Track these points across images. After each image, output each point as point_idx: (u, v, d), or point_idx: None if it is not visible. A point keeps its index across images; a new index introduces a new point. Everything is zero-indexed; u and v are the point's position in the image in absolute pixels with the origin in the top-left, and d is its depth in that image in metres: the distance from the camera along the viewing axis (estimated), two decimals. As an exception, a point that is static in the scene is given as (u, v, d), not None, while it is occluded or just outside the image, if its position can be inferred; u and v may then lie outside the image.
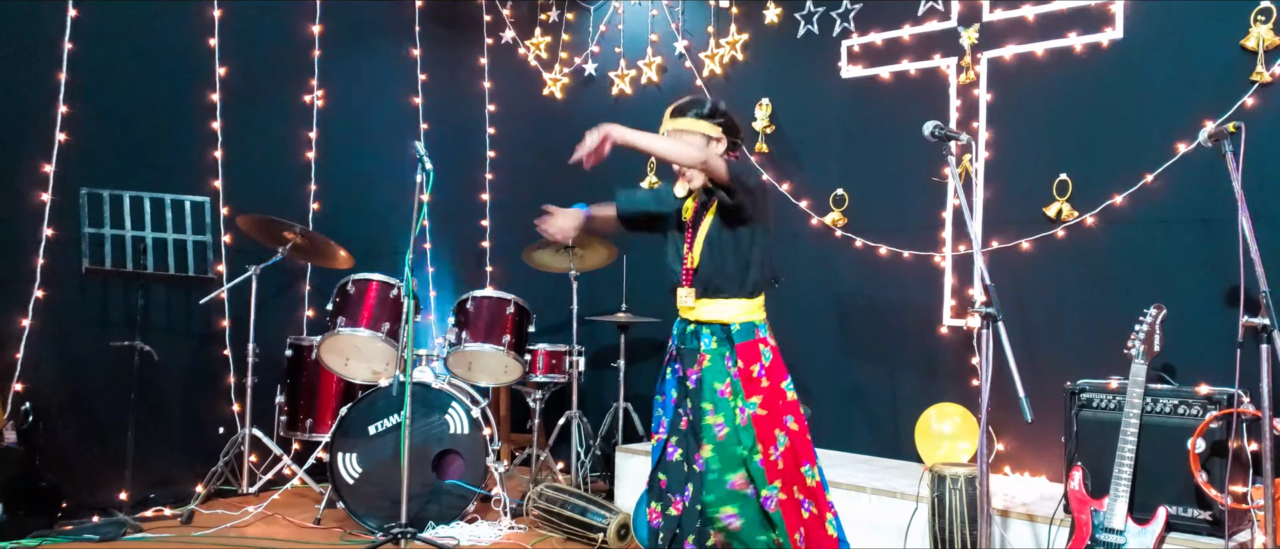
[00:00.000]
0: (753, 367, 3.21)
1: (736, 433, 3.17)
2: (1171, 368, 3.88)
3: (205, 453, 5.20)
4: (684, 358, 3.30)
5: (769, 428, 3.18)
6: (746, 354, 3.22)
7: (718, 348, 3.24)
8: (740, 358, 3.21)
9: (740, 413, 3.18)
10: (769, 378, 3.23)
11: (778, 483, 3.16)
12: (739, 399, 3.19)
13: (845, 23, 5.12)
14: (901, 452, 4.83)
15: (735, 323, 3.24)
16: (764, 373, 3.22)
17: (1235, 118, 3.88)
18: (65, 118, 4.83)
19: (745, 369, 3.21)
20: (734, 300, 3.25)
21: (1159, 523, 3.30)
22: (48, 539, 4.27)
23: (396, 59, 6.43)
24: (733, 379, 3.21)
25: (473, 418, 4.67)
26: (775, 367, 3.25)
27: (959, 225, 4.72)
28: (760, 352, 3.24)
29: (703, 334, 3.27)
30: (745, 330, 3.24)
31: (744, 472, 3.17)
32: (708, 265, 3.25)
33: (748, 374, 3.20)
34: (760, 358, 3.23)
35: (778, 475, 3.16)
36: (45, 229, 4.76)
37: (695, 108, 3.29)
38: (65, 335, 4.83)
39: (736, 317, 3.25)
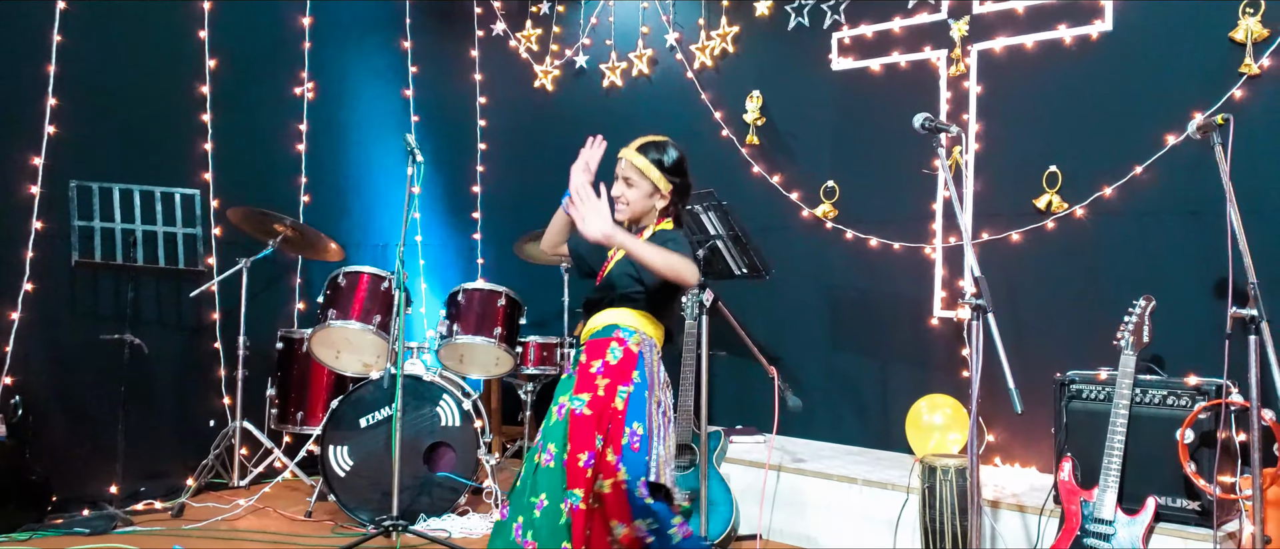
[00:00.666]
0: (594, 362, 3.02)
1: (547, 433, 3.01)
2: (1160, 359, 3.90)
3: (196, 446, 5.20)
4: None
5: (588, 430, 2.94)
6: (593, 350, 3.05)
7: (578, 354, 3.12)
8: (585, 352, 3.06)
9: (558, 410, 3.01)
10: (608, 376, 2.99)
11: (578, 491, 2.89)
12: (565, 394, 3.03)
13: (835, 15, 5.13)
14: (892, 443, 4.85)
15: (598, 324, 3.09)
16: (604, 370, 3.00)
17: (1224, 110, 3.90)
18: (54, 110, 4.81)
19: (584, 365, 3.04)
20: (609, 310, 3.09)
21: (1148, 513, 3.32)
22: (38, 533, 4.26)
23: (387, 51, 6.42)
24: (567, 377, 3.07)
25: (464, 410, 4.67)
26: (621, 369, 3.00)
27: (949, 217, 4.73)
28: (608, 348, 3.03)
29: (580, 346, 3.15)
30: (604, 331, 3.06)
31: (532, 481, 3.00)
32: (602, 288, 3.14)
33: (585, 370, 3.03)
34: (605, 355, 3.02)
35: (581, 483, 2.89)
36: (34, 222, 4.74)
37: (657, 153, 3.15)
38: (55, 328, 4.82)
39: (602, 321, 3.08)
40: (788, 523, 4.44)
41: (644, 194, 3.12)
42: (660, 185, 3.13)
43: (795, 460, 4.58)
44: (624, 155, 3.17)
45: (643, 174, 3.13)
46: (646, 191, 3.13)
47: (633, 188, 3.12)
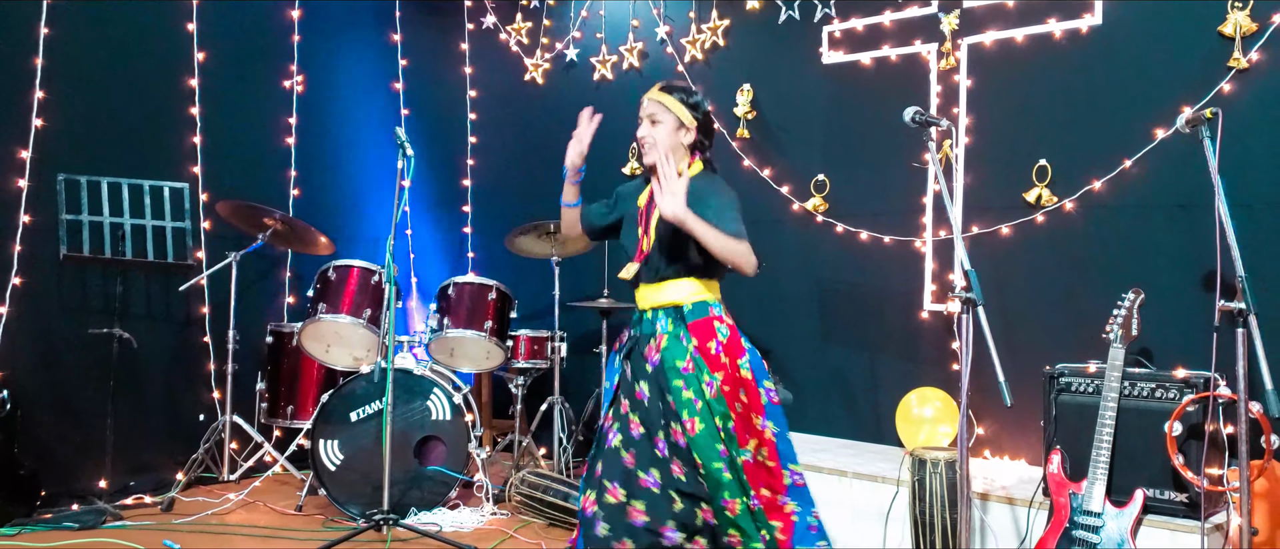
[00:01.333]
0: (710, 342, 3.12)
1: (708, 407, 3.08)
2: (1149, 352, 3.91)
3: (185, 440, 5.19)
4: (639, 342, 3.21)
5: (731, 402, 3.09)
6: (701, 332, 3.13)
7: (673, 329, 3.16)
8: (692, 333, 3.12)
9: (707, 386, 3.09)
10: (728, 354, 3.13)
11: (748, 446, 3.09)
12: (704, 373, 3.10)
13: (826, 8, 5.13)
14: (882, 436, 4.86)
15: (687, 303, 3.16)
16: (724, 348, 3.13)
17: (1213, 104, 3.91)
18: (42, 103, 4.79)
19: (702, 346, 3.11)
20: (685, 280, 3.16)
21: (1136, 505, 3.33)
22: (27, 527, 4.25)
23: (377, 44, 6.40)
24: (694, 356, 3.11)
25: (454, 404, 4.67)
26: (733, 344, 3.16)
27: (939, 211, 4.74)
28: (715, 329, 3.15)
29: (659, 316, 3.19)
30: (698, 309, 3.16)
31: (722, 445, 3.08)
32: (661, 248, 3.17)
33: (706, 351, 3.11)
34: (716, 335, 3.14)
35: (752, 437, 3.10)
36: (22, 215, 4.72)
37: (683, 94, 3.24)
38: (43, 323, 4.80)
39: (689, 297, 3.16)
40: (778, 516, 4.44)
41: (670, 129, 3.19)
42: (686, 119, 3.21)
43: (786, 453, 4.58)
44: (647, 96, 3.24)
45: (667, 108, 3.19)
46: (673, 126, 3.19)
47: (659, 124, 3.19)
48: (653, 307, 3.21)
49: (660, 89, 3.24)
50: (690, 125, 3.22)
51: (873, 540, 4.11)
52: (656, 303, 3.20)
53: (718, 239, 3.00)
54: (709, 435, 3.05)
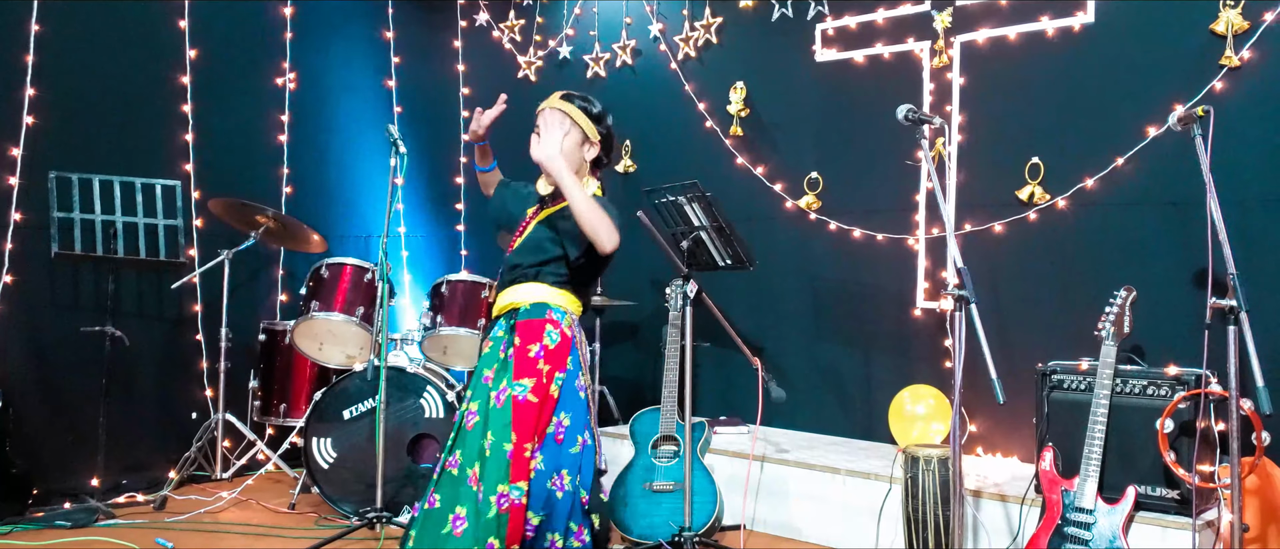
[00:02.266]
0: (531, 345, 2.94)
1: (486, 419, 2.91)
2: (1141, 349, 3.92)
3: (178, 438, 5.18)
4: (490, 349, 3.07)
5: (532, 419, 2.90)
6: (528, 332, 2.95)
7: (505, 335, 3.03)
8: (518, 335, 2.96)
9: (497, 397, 2.92)
10: (548, 362, 2.93)
11: (522, 484, 2.84)
12: (505, 379, 2.93)
13: (819, 6, 5.13)
14: (875, 433, 4.86)
15: (526, 304, 3.02)
16: (544, 356, 2.93)
17: (1204, 102, 3.92)
18: (33, 101, 4.77)
19: (521, 348, 2.95)
20: (531, 285, 3.04)
21: (1128, 502, 3.34)
22: (19, 526, 4.24)
23: (369, 41, 6.39)
24: (502, 360, 2.97)
25: (447, 402, 4.66)
26: (558, 354, 2.95)
27: (932, 208, 4.75)
28: (545, 331, 2.95)
29: (500, 321, 3.08)
30: (536, 310, 2.99)
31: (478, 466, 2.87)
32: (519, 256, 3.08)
33: (523, 353, 2.94)
34: (543, 338, 2.94)
35: (523, 476, 2.85)
36: (13, 213, 4.70)
37: (583, 100, 3.09)
38: (35, 321, 4.79)
39: (528, 298, 3.02)
40: (771, 513, 4.45)
41: (575, 142, 3.05)
42: (590, 133, 3.07)
43: (779, 451, 4.59)
44: (548, 105, 3.08)
45: (573, 121, 3.05)
46: (577, 140, 3.06)
47: (566, 136, 3.03)
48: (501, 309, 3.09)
49: (562, 98, 3.08)
50: (594, 138, 3.09)
51: (865, 538, 4.12)
52: (503, 305, 3.09)
53: (581, 194, 2.87)
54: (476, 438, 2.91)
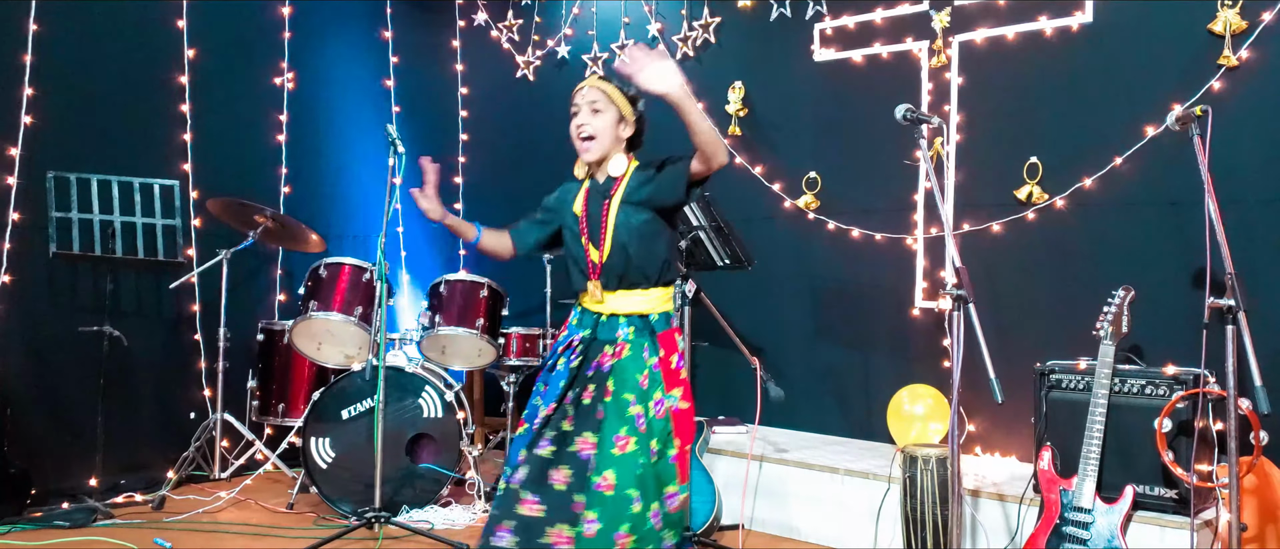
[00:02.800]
0: (672, 357, 3.00)
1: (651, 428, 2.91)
2: (1139, 349, 3.93)
3: (176, 438, 5.17)
4: (590, 349, 3.03)
5: (688, 421, 3.00)
6: (669, 343, 3.00)
7: (636, 337, 3.00)
8: (661, 344, 2.99)
9: (656, 406, 2.93)
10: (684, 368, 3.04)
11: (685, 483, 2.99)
12: (658, 390, 2.95)
13: (818, 5, 5.13)
14: (873, 433, 4.87)
15: (654, 313, 3.03)
16: (681, 363, 3.03)
17: (1203, 101, 3.92)
18: (31, 100, 4.76)
19: (665, 359, 2.98)
20: (653, 290, 3.03)
21: (1126, 501, 3.34)
22: (17, 526, 4.23)
23: (368, 41, 6.39)
24: (652, 371, 2.97)
25: (446, 401, 4.66)
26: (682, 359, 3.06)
27: (931, 208, 4.75)
28: (677, 342, 3.02)
29: (619, 324, 3.02)
30: (664, 321, 3.03)
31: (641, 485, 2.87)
32: (620, 256, 3.02)
33: (667, 365, 2.98)
34: (678, 348, 3.01)
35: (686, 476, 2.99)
36: (11, 213, 4.70)
37: (620, 79, 3.05)
38: (33, 321, 4.78)
39: (657, 306, 3.04)
40: (770, 513, 4.45)
41: (612, 121, 3.03)
42: (626, 112, 3.05)
43: (777, 451, 4.59)
44: (587, 85, 3.06)
45: (610, 99, 3.02)
46: (614, 119, 3.03)
47: (600, 114, 3.01)
48: (613, 312, 3.03)
49: (599, 78, 3.08)
50: (630, 119, 3.08)
51: (864, 537, 4.12)
52: (618, 310, 3.03)
53: (703, 119, 2.84)
54: (632, 460, 2.86)
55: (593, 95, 3.03)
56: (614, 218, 3.02)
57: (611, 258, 3.01)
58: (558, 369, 3.05)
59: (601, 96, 3.02)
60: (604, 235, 3.01)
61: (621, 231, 3.01)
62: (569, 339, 3.09)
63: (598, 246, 3.02)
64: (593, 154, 3.04)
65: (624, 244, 3.00)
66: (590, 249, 3.04)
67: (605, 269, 3.02)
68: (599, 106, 3.02)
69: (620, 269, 3.01)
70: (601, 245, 3.02)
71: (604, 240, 3.01)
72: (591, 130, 3.02)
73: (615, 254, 3.01)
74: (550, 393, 3.01)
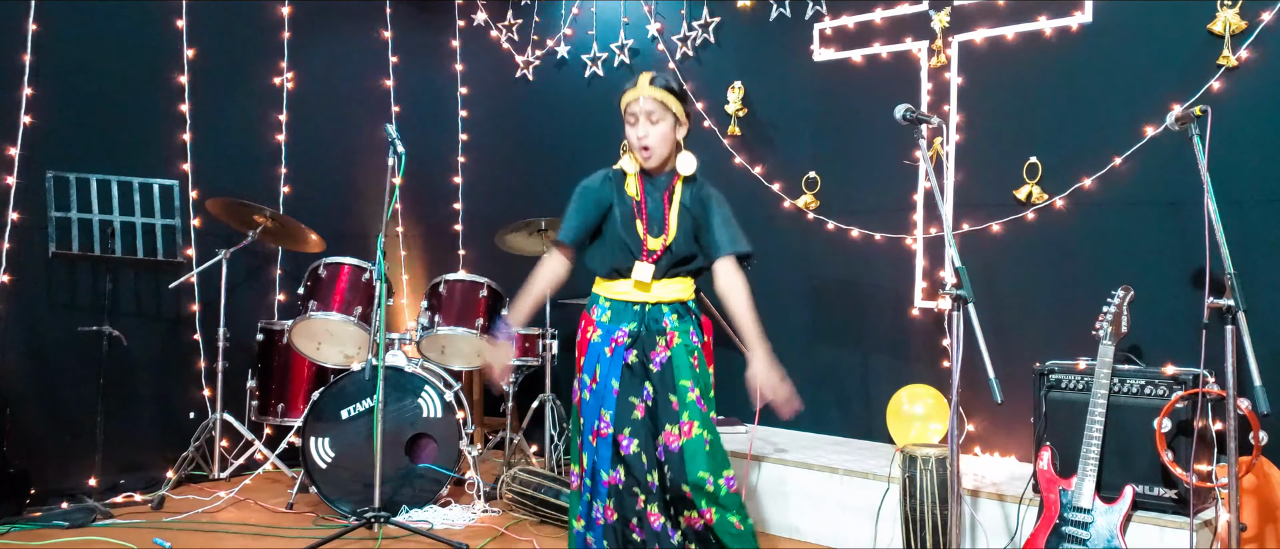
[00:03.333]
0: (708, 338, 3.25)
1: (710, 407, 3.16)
2: (1138, 349, 3.93)
3: (176, 438, 5.17)
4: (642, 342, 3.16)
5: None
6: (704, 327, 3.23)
7: (681, 324, 3.17)
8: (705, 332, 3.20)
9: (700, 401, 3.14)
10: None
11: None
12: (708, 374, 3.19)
13: (817, 5, 5.13)
14: (873, 433, 4.87)
15: (691, 298, 3.22)
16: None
17: (1202, 101, 3.92)
18: (30, 100, 4.76)
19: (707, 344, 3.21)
20: (687, 279, 3.23)
21: (1126, 501, 3.34)
22: (16, 526, 4.23)
23: (367, 41, 6.39)
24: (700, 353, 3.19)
25: (445, 401, 4.66)
26: None
27: (930, 208, 4.75)
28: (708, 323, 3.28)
29: (664, 313, 3.18)
30: (698, 304, 3.26)
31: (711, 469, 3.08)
32: (683, 243, 3.17)
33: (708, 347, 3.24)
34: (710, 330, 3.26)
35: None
36: (10, 213, 4.70)
37: (666, 79, 3.16)
38: (33, 320, 4.78)
39: (690, 294, 3.23)
40: (769, 513, 4.45)
41: (669, 127, 3.14)
42: (680, 114, 3.15)
43: (777, 451, 4.59)
44: (642, 93, 3.11)
45: (665, 106, 3.11)
46: (670, 125, 3.14)
47: (657, 123, 3.11)
48: (658, 301, 3.18)
49: (653, 83, 3.12)
50: (685, 122, 3.19)
51: (863, 537, 4.12)
52: (663, 298, 3.18)
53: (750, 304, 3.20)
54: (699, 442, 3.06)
55: (648, 106, 3.11)
56: (677, 204, 3.17)
57: (675, 242, 3.14)
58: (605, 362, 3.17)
59: (658, 106, 3.11)
60: (668, 224, 3.14)
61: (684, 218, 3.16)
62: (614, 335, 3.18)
63: (657, 234, 3.14)
64: (654, 162, 3.17)
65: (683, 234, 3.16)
66: (648, 239, 3.15)
67: (666, 254, 3.15)
68: (655, 115, 3.12)
69: (675, 257, 3.15)
70: (665, 235, 3.14)
71: (667, 230, 3.14)
72: (652, 140, 3.13)
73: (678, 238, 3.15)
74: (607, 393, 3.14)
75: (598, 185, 3.26)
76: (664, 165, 3.20)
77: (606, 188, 3.25)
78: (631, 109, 3.14)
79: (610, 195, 3.23)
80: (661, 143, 3.13)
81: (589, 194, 3.26)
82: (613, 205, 3.22)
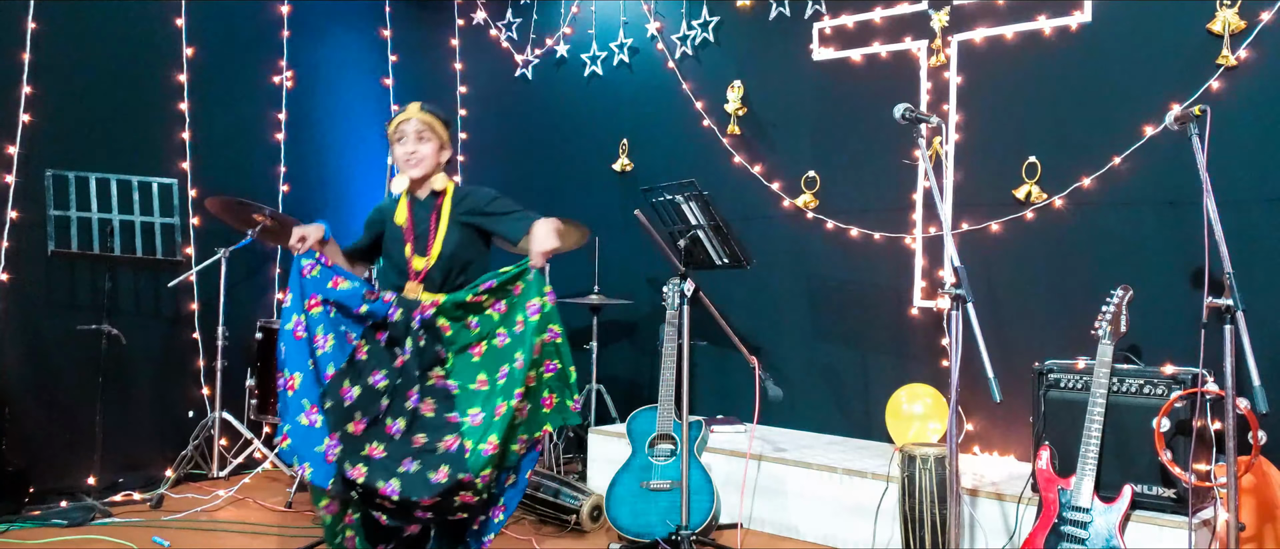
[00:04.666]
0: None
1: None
2: (1137, 348, 3.93)
3: (175, 437, 5.17)
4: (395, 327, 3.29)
5: None
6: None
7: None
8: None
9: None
10: None
11: None
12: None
13: (817, 4, 5.13)
14: (872, 432, 4.87)
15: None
16: None
17: (1201, 101, 3.92)
18: (29, 98, 4.76)
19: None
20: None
21: (1124, 501, 3.34)
22: (15, 525, 4.23)
23: (367, 40, 6.38)
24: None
25: (445, 400, 4.65)
26: None
27: (929, 207, 4.75)
28: None
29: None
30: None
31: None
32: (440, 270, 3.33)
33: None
34: None
35: None
36: (9, 212, 4.69)
37: (436, 109, 3.49)
38: (32, 319, 4.78)
39: None
40: (768, 512, 4.45)
41: (435, 148, 3.44)
42: (445, 139, 3.48)
43: (776, 450, 4.59)
44: (413, 115, 3.43)
45: (433, 130, 3.44)
46: (437, 146, 3.45)
47: (426, 142, 3.40)
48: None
49: (423, 110, 3.43)
50: (447, 143, 3.49)
51: (862, 536, 4.12)
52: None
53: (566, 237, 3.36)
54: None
55: (419, 127, 3.42)
56: (443, 230, 3.38)
57: (436, 268, 3.34)
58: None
59: (427, 129, 3.43)
60: (430, 248, 3.35)
61: (448, 245, 3.35)
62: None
63: (426, 258, 3.35)
64: (418, 172, 3.42)
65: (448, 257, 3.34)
66: (414, 259, 3.36)
67: (429, 276, 3.34)
68: (425, 135, 3.43)
69: (441, 276, 3.34)
70: (426, 257, 3.35)
71: (429, 252, 3.35)
72: (416, 156, 3.41)
73: (440, 264, 3.34)
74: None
75: (383, 212, 3.53)
76: (430, 177, 3.44)
77: (383, 214, 3.52)
78: (402, 129, 3.43)
79: (385, 221, 3.49)
80: (426, 160, 3.41)
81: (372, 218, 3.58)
82: (383, 230, 3.50)
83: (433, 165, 3.43)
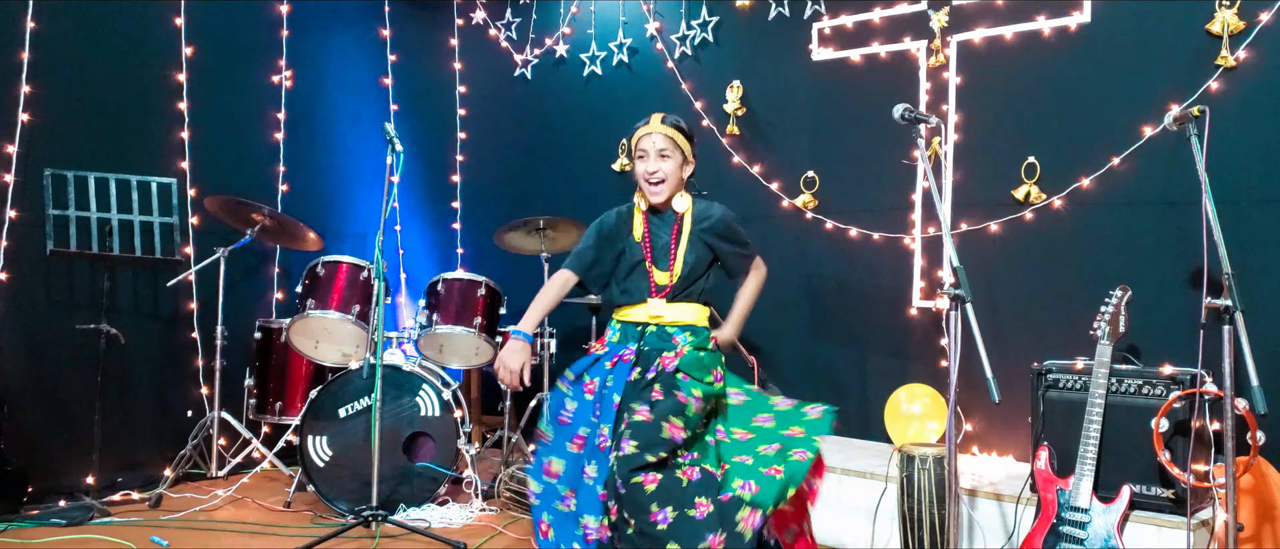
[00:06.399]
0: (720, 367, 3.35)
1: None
2: (1136, 349, 3.93)
3: (173, 436, 5.17)
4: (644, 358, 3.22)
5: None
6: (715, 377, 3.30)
7: (695, 340, 3.25)
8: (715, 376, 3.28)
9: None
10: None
11: None
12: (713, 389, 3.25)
13: (816, 5, 5.13)
14: (871, 432, 4.87)
15: (701, 323, 3.31)
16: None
17: (1200, 102, 3.92)
18: (28, 98, 4.76)
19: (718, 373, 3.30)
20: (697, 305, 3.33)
21: (1123, 501, 3.35)
22: (14, 524, 4.23)
23: (366, 39, 6.38)
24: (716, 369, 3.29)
25: (444, 400, 4.66)
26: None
27: (928, 207, 4.75)
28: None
29: (675, 331, 3.26)
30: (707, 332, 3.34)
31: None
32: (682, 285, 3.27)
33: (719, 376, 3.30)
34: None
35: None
36: (8, 211, 4.69)
37: (676, 119, 3.31)
38: (30, 318, 4.77)
39: (700, 319, 3.32)
40: (767, 512, 4.45)
41: (678, 164, 3.27)
42: (688, 153, 3.31)
43: (775, 450, 4.58)
44: (655, 130, 3.26)
45: (676, 145, 3.26)
46: (680, 162, 3.28)
47: (668, 159, 3.25)
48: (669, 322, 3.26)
49: (665, 122, 3.28)
50: (691, 157, 3.32)
51: (861, 537, 4.12)
52: (674, 321, 3.26)
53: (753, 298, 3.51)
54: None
55: (661, 143, 3.26)
56: (685, 243, 3.28)
57: (677, 284, 3.26)
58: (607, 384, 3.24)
59: (670, 144, 3.26)
60: (673, 264, 3.27)
61: (689, 258, 3.27)
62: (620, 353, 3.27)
63: (668, 272, 3.26)
64: (659, 196, 3.29)
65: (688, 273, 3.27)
66: (654, 274, 3.27)
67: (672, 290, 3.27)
68: (667, 152, 3.26)
69: (680, 293, 3.28)
70: (669, 272, 3.26)
71: (672, 268, 3.26)
72: (658, 174, 3.26)
73: (682, 280, 3.27)
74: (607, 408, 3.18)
75: (614, 228, 3.38)
76: (672, 197, 3.31)
77: (616, 230, 3.38)
78: (642, 144, 3.28)
79: (621, 238, 3.36)
80: (670, 179, 3.26)
81: (602, 234, 3.38)
82: (620, 249, 3.35)
83: (676, 185, 3.29)
